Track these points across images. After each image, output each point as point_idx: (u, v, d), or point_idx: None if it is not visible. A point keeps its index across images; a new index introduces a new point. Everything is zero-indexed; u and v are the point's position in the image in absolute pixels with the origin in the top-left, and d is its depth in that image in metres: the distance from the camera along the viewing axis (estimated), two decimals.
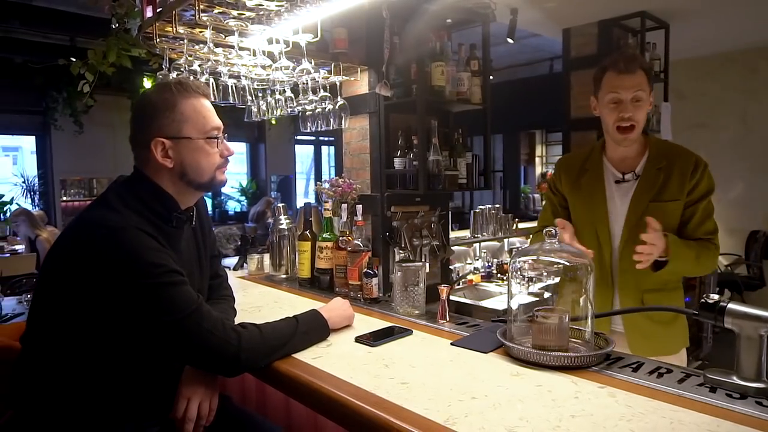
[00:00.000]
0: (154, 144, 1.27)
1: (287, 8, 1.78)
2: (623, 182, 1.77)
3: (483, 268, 3.79)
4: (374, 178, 2.68)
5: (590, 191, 1.82)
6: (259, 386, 1.69)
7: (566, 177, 1.91)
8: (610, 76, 1.68)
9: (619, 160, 1.79)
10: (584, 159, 1.88)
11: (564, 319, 1.32)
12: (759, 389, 1.10)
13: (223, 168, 1.38)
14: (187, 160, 1.29)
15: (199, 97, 1.32)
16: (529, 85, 7.41)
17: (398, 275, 1.77)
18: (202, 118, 1.30)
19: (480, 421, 1.01)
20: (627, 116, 1.65)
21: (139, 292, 1.14)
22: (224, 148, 1.37)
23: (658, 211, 1.67)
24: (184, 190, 1.33)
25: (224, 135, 1.38)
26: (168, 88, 1.30)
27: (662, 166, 1.71)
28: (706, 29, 4.65)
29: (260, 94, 2.51)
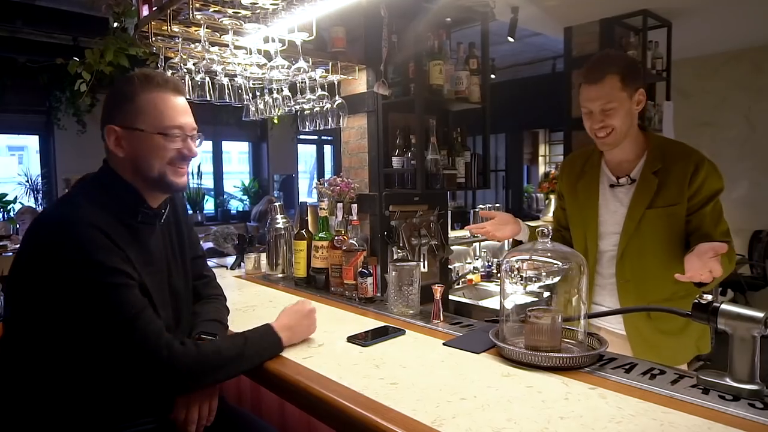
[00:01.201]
0: (107, 131, 1.28)
1: (283, 6, 1.77)
2: (618, 186, 1.71)
3: (483, 267, 3.77)
4: (372, 177, 2.67)
5: (585, 195, 1.79)
6: (253, 387, 1.69)
7: (566, 179, 1.88)
8: (582, 87, 1.64)
9: (616, 163, 1.73)
10: (585, 160, 1.84)
11: (557, 320, 1.31)
12: (752, 391, 1.08)
13: (178, 167, 1.32)
14: (138, 152, 1.27)
15: (164, 92, 1.29)
16: (531, 84, 7.38)
17: (393, 275, 1.77)
18: (159, 113, 1.27)
19: (467, 422, 1.00)
20: (597, 127, 1.61)
21: (78, 289, 1.12)
22: (185, 147, 1.31)
23: (657, 219, 1.62)
24: (143, 186, 1.31)
25: (196, 136, 1.35)
26: (131, 79, 1.30)
27: (658, 169, 1.64)
28: (709, 27, 4.62)
29: (258, 93, 2.51)
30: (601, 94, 1.58)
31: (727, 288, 4.90)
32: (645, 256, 1.65)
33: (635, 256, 1.66)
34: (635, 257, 1.66)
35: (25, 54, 6.06)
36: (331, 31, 2.41)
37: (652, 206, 1.63)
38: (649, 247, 1.64)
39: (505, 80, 7.30)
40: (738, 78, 5.34)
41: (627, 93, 1.58)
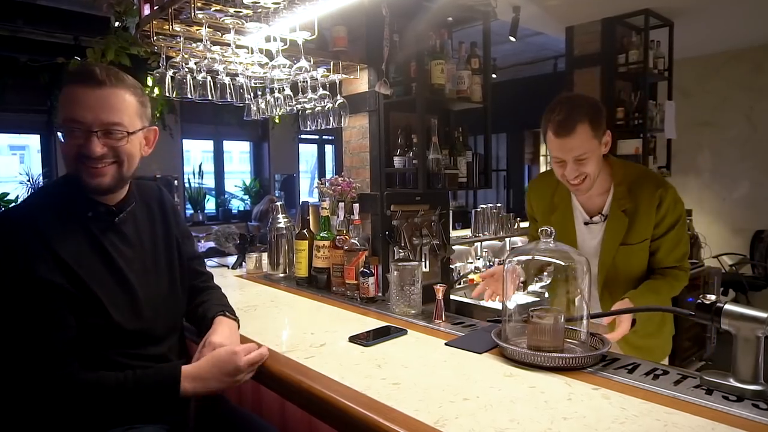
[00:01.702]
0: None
1: (284, 6, 1.77)
2: (591, 224, 1.76)
3: (484, 267, 3.77)
4: (374, 176, 2.66)
5: (562, 232, 1.76)
6: (254, 386, 1.68)
7: (537, 205, 1.90)
8: (550, 137, 1.60)
9: (586, 199, 1.76)
10: (553, 191, 1.84)
11: (559, 320, 1.30)
12: (756, 391, 1.08)
13: (90, 166, 1.22)
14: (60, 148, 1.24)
15: (75, 84, 1.20)
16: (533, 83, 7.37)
17: (395, 274, 1.76)
18: (62, 107, 1.19)
19: (470, 422, 0.99)
20: (572, 176, 1.60)
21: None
22: (83, 146, 1.19)
23: (628, 255, 1.70)
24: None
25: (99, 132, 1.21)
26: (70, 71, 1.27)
27: (627, 208, 1.68)
28: (711, 27, 4.61)
29: (259, 92, 2.50)
30: (574, 145, 1.56)
31: (729, 288, 4.90)
32: (620, 283, 1.73)
33: (613, 285, 1.74)
34: (613, 285, 1.74)
35: (26, 53, 6.05)
36: (333, 30, 2.41)
37: (625, 243, 1.69)
38: (624, 276, 1.72)
39: (506, 80, 7.29)
40: (739, 78, 5.34)
41: (597, 139, 1.58)
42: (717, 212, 5.44)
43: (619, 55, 4.19)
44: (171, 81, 1.96)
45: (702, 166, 5.48)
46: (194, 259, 1.59)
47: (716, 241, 5.10)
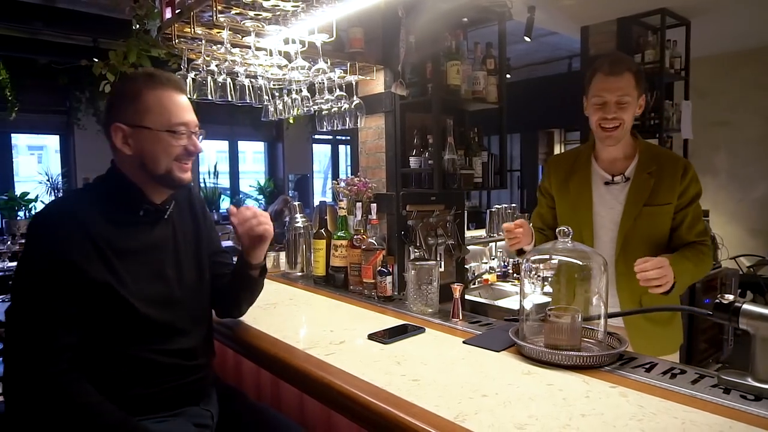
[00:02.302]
0: (114, 129, 1.30)
1: (303, 9, 1.80)
2: (612, 184, 1.78)
3: (499, 267, 3.77)
4: (390, 177, 2.68)
5: (577, 194, 1.83)
6: (273, 381, 1.71)
7: (555, 178, 1.92)
8: (598, 78, 1.69)
9: (609, 162, 1.80)
10: (573, 160, 1.89)
11: (576, 319, 1.32)
12: None
13: (183, 164, 1.35)
14: (145, 149, 1.30)
15: (169, 90, 1.32)
16: (547, 83, 7.35)
17: (412, 274, 1.78)
18: (166, 111, 1.30)
19: (490, 418, 1.01)
20: (610, 117, 1.66)
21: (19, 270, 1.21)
22: (191, 144, 1.34)
23: (652, 216, 1.71)
24: (147, 182, 1.35)
25: (199, 133, 1.38)
26: (135, 78, 1.34)
27: (652, 170, 1.73)
28: (728, 26, 4.57)
29: (277, 93, 2.54)
30: (620, 86, 1.65)
31: (747, 289, 4.85)
32: (639, 250, 1.70)
33: (630, 251, 1.72)
34: (630, 251, 1.71)
35: (45, 55, 6.17)
36: (349, 31, 2.43)
37: (649, 203, 1.72)
38: (643, 242, 1.72)
39: (519, 80, 7.27)
40: (756, 77, 5.28)
41: (637, 92, 1.68)
42: (733, 213, 5.39)
43: (635, 54, 4.16)
44: (192, 83, 2.00)
45: (718, 167, 5.42)
46: (220, 252, 1.63)
47: (733, 242, 5.04)
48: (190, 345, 1.38)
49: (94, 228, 1.24)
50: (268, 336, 1.56)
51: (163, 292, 1.34)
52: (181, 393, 1.34)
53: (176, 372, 1.33)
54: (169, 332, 1.33)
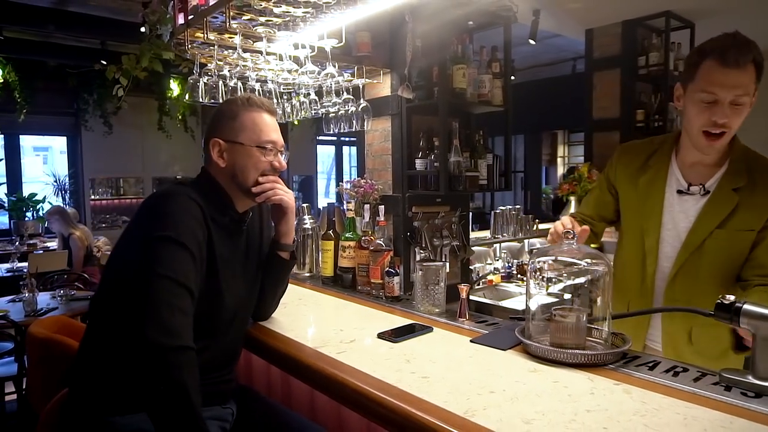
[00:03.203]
0: (212, 143, 1.43)
1: (313, 14, 1.84)
2: (686, 194, 1.51)
3: (503, 268, 3.80)
4: (396, 178, 2.72)
5: (647, 194, 1.57)
6: (284, 377, 1.75)
7: (624, 169, 1.64)
8: (711, 68, 1.33)
9: (690, 165, 1.51)
10: (650, 153, 1.60)
11: (581, 318, 1.35)
12: None
13: (273, 179, 1.47)
14: (238, 163, 1.42)
15: (262, 111, 1.45)
16: (551, 85, 7.38)
17: (419, 274, 1.82)
18: (258, 130, 1.43)
19: (498, 413, 1.05)
20: (721, 122, 1.35)
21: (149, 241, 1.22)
22: (276, 160, 1.46)
23: (724, 241, 1.45)
24: (236, 192, 1.45)
25: (282, 151, 1.49)
26: (236, 101, 1.47)
27: (741, 185, 1.43)
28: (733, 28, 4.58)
29: (285, 96, 2.58)
30: (741, 82, 1.31)
31: None
32: (700, 277, 1.49)
33: (690, 276, 1.50)
34: (690, 277, 1.50)
35: (56, 57, 6.24)
36: (357, 35, 2.47)
37: (724, 226, 1.45)
38: (707, 268, 1.47)
39: (524, 81, 7.30)
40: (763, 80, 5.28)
41: (754, 87, 1.35)
42: None
43: (639, 57, 4.20)
44: (203, 87, 2.05)
45: None
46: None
47: None
48: (232, 347, 1.47)
49: (207, 218, 1.33)
50: (280, 334, 1.59)
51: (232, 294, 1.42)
52: (214, 392, 1.39)
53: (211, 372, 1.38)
54: (217, 334, 1.39)
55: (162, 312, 1.14)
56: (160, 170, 7.90)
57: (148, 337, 1.10)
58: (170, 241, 1.22)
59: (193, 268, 1.24)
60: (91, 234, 5.34)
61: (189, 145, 7.75)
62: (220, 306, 1.37)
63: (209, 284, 1.32)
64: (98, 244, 5.32)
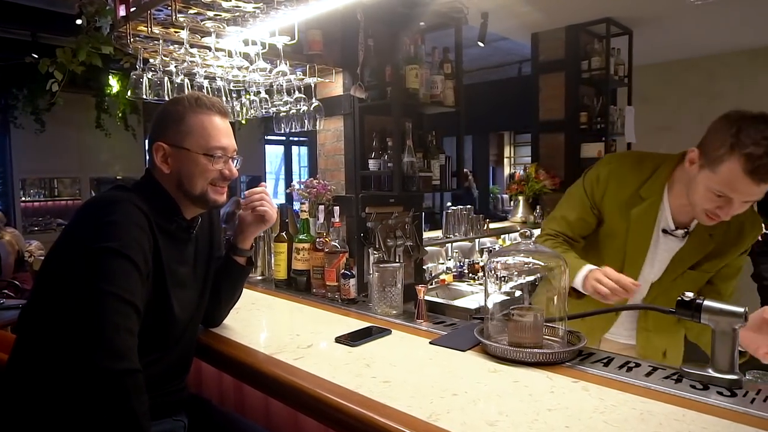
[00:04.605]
0: (156, 147, 1.33)
1: (263, 10, 1.79)
2: (670, 235, 1.53)
3: (455, 267, 3.84)
4: (349, 179, 2.69)
5: (637, 229, 1.54)
6: (236, 385, 1.69)
7: (613, 196, 1.57)
8: (738, 174, 1.26)
9: (681, 204, 1.50)
10: (642, 180, 1.54)
11: (539, 317, 1.36)
12: (732, 380, 1.17)
13: (219, 187, 1.39)
14: (183, 170, 1.33)
15: (212, 114, 1.35)
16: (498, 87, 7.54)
17: (376, 276, 1.80)
18: (207, 135, 1.33)
19: (461, 416, 1.04)
20: (726, 218, 1.36)
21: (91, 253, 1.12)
22: (226, 168, 1.38)
23: (694, 280, 1.52)
24: (182, 200, 1.36)
25: (235, 157, 1.41)
26: (183, 101, 1.36)
27: (715, 232, 1.48)
28: (668, 36, 4.82)
29: (235, 94, 2.50)
30: (761, 191, 1.29)
31: None
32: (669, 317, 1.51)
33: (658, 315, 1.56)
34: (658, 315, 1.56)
35: None
36: (308, 33, 2.42)
37: (696, 268, 1.52)
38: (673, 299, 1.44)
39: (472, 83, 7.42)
40: (694, 85, 5.60)
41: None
42: None
43: (582, 61, 4.34)
44: (147, 83, 1.95)
45: None
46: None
47: None
48: (183, 357, 1.40)
49: (153, 226, 1.24)
50: (233, 341, 1.54)
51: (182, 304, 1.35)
52: (164, 404, 1.32)
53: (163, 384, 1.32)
54: (168, 345, 1.33)
55: (107, 332, 1.05)
56: (99, 170, 7.52)
57: (92, 360, 1.02)
58: (114, 253, 1.12)
59: (139, 283, 1.15)
60: (23, 238, 5.02)
61: (130, 143, 7.40)
62: (170, 317, 1.30)
63: (157, 296, 1.25)
64: (30, 249, 5.01)
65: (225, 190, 1.41)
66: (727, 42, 5.12)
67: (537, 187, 4.33)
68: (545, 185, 4.32)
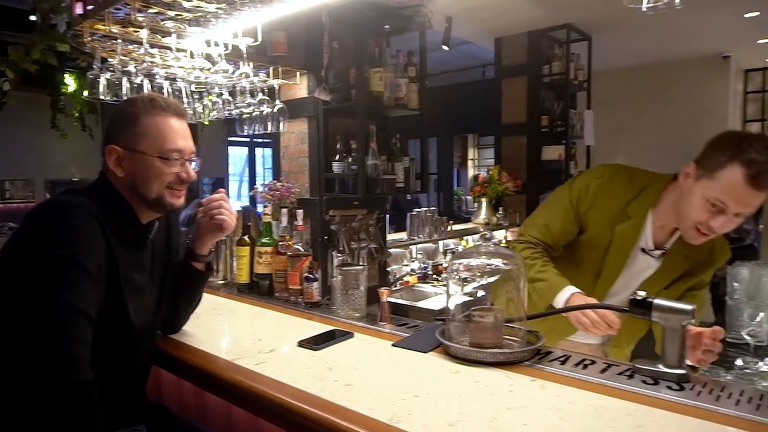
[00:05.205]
0: (109, 150, 1.29)
1: (226, 11, 1.77)
2: (647, 254, 1.56)
3: (419, 269, 3.87)
4: (313, 181, 2.69)
5: (619, 245, 1.55)
6: (197, 393, 1.66)
7: (600, 210, 1.56)
8: (737, 179, 1.27)
9: (661, 226, 1.53)
10: (630, 198, 1.54)
11: (499, 318, 1.39)
12: (681, 375, 1.22)
13: (176, 191, 1.35)
14: (138, 173, 1.29)
15: (167, 115, 1.31)
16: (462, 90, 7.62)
17: (338, 279, 1.80)
18: (162, 137, 1.29)
19: (423, 417, 1.05)
20: (721, 230, 1.36)
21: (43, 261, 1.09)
22: (183, 171, 1.33)
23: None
24: (138, 204, 1.32)
25: (193, 159, 1.37)
26: (136, 102, 1.32)
27: (690, 253, 1.52)
28: (625, 43, 4.99)
29: (196, 96, 2.46)
30: (758, 202, 1.31)
31: None
32: (636, 328, 1.61)
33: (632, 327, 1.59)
34: (632, 328, 1.60)
35: None
36: (272, 35, 2.41)
37: (670, 288, 1.56)
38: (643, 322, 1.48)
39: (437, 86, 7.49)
40: (650, 90, 5.81)
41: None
42: None
43: (543, 66, 4.45)
44: (105, 83, 1.90)
45: None
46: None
47: None
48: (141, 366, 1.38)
49: (107, 232, 1.20)
50: (193, 347, 1.51)
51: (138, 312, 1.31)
52: (122, 414, 1.30)
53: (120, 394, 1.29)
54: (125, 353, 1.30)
55: (60, 344, 1.02)
56: (55, 172, 7.27)
57: (46, 372, 0.99)
58: (68, 261, 1.09)
59: (92, 291, 1.12)
60: None
61: (87, 145, 7.15)
62: (126, 325, 1.27)
63: (112, 303, 1.22)
64: None
65: (183, 193, 1.37)
66: (679, 50, 5.33)
67: (500, 189, 4.41)
68: (508, 187, 4.41)
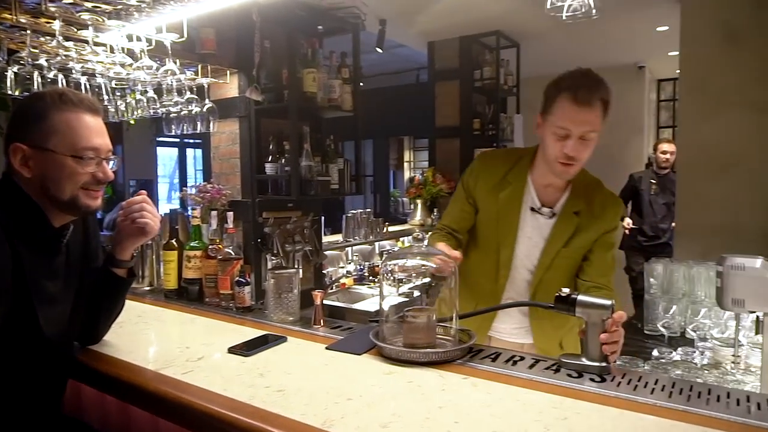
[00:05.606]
0: (12, 149, 1.20)
1: (149, 4, 1.69)
2: (538, 213, 1.64)
3: (355, 271, 3.86)
4: (245, 183, 2.62)
5: (506, 210, 1.66)
6: (121, 408, 1.57)
7: (484, 182, 1.70)
8: (564, 104, 1.46)
9: (543, 186, 1.64)
10: (509, 168, 1.68)
11: (432, 318, 1.40)
12: (602, 367, 1.28)
13: (93, 191, 1.27)
14: (48, 173, 1.20)
15: (79, 111, 1.22)
16: (397, 93, 7.69)
17: (271, 282, 1.76)
18: (74, 135, 1.21)
19: (356, 420, 1.04)
20: (571, 155, 1.47)
21: None
22: (99, 171, 1.25)
23: (569, 258, 1.64)
24: (49, 207, 1.23)
25: (111, 157, 1.29)
26: (44, 96, 1.23)
27: (579, 210, 1.61)
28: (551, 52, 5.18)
29: (119, 93, 2.34)
30: (590, 119, 1.45)
31: None
32: (553, 290, 1.62)
33: (545, 290, 1.64)
34: (545, 291, 1.64)
35: None
36: (201, 31, 2.33)
37: (568, 246, 1.63)
38: (558, 281, 1.60)
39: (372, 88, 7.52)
40: None
41: (600, 127, 1.48)
42: None
43: (475, 70, 4.56)
44: (14, 77, 1.77)
45: None
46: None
47: None
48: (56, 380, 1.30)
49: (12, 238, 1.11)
50: (116, 359, 1.43)
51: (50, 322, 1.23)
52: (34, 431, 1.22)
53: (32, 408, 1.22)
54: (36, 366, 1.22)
55: None
56: None
57: None
58: None
59: None
60: None
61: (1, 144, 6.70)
62: (37, 336, 1.18)
63: (20, 314, 1.14)
64: None
65: (100, 194, 1.29)
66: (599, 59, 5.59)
67: (434, 190, 4.48)
68: (442, 189, 4.49)
